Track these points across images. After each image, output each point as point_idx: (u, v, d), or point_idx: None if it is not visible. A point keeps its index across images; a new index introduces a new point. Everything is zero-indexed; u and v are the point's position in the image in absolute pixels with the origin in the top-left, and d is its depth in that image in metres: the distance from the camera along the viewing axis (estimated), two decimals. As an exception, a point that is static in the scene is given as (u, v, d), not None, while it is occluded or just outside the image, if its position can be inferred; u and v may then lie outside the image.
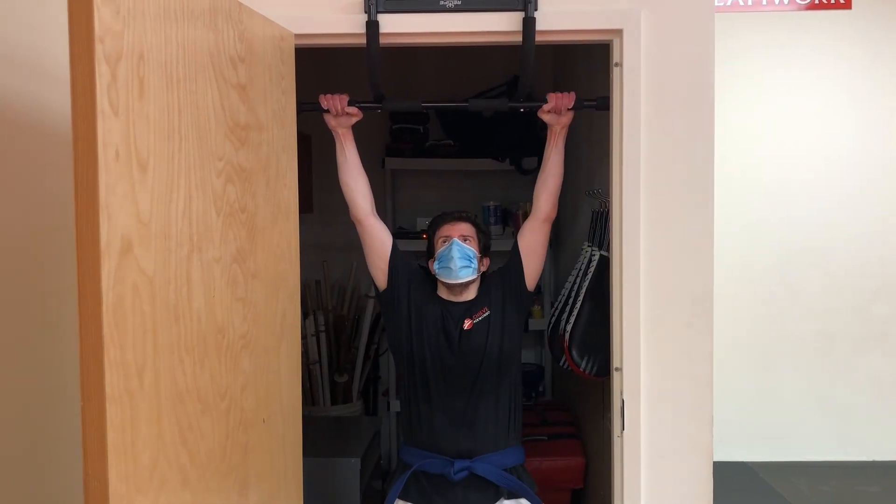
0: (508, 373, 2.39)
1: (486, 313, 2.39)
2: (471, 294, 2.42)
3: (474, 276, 2.38)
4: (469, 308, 2.40)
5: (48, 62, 2.00)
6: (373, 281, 2.49)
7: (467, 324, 2.37)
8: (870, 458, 4.53)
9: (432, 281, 2.46)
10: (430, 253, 2.44)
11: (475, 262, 2.36)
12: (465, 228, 2.40)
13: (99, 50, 1.27)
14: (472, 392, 2.35)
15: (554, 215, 2.43)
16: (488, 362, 2.35)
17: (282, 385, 2.05)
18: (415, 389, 2.40)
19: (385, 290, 2.45)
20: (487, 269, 2.47)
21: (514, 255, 2.45)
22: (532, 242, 2.43)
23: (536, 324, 4.26)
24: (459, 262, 2.32)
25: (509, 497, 2.34)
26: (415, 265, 2.53)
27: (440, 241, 2.40)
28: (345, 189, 2.42)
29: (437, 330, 2.37)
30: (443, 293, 2.43)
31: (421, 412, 2.38)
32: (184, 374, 1.53)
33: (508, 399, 2.39)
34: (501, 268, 2.50)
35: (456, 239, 2.35)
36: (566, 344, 2.66)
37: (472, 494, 2.32)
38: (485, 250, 2.45)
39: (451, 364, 2.35)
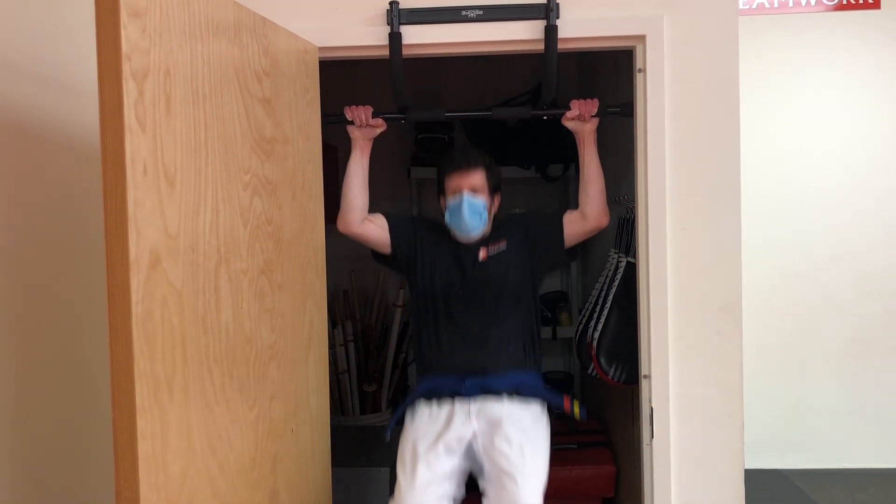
0: (522, 304, 2.41)
1: (503, 247, 2.42)
2: (485, 232, 2.45)
3: (485, 229, 2.42)
4: (484, 241, 2.43)
5: (78, 79, 2.04)
6: (375, 253, 2.53)
7: (482, 254, 2.41)
8: (908, 466, 4.44)
9: (447, 232, 2.47)
10: (440, 189, 2.46)
11: (485, 213, 2.39)
12: (475, 178, 2.37)
13: (126, 67, 1.29)
14: (483, 315, 2.37)
15: (606, 222, 2.41)
16: (502, 291, 2.38)
17: (310, 395, 2.06)
18: (426, 318, 2.42)
19: (389, 257, 2.49)
20: (498, 209, 2.49)
21: (556, 222, 2.44)
22: (572, 232, 2.44)
23: (564, 331, 4.24)
24: (470, 220, 2.35)
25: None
26: (417, 220, 2.59)
27: (450, 192, 2.40)
28: (347, 198, 2.39)
29: (449, 261, 2.42)
30: (458, 237, 2.45)
31: (430, 335, 2.40)
32: (213, 384, 1.55)
33: (523, 329, 2.41)
34: (533, 217, 2.52)
35: (466, 194, 2.35)
36: (594, 351, 2.64)
37: (483, 396, 2.31)
38: (494, 190, 2.45)
39: (462, 291, 2.38)
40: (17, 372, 1.80)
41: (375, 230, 2.45)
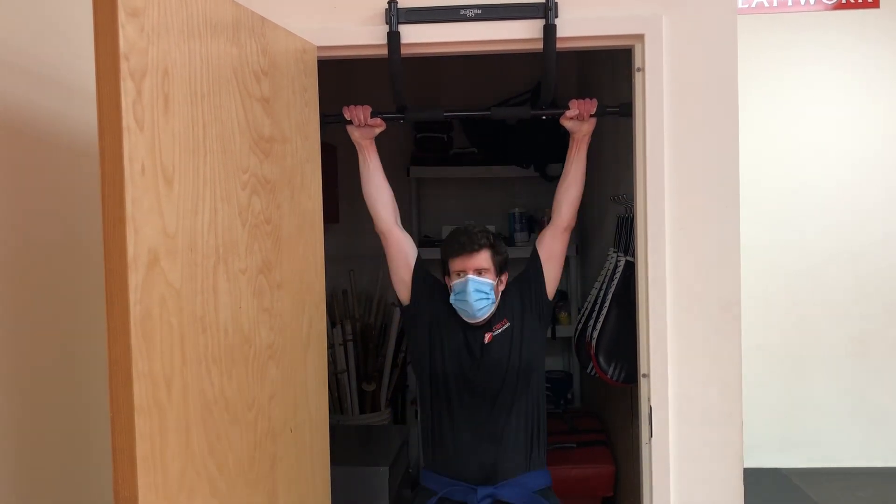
0: (531, 385, 2.38)
1: (506, 325, 2.38)
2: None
3: (493, 308, 2.36)
4: (489, 322, 2.38)
5: (76, 78, 2.04)
6: (396, 294, 2.49)
7: (487, 337, 2.36)
8: (908, 464, 4.45)
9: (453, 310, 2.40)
10: (445, 270, 2.39)
11: (492, 293, 2.33)
12: (480, 260, 2.31)
13: (124, 67, 1.29)
14: (494, 406, 2.33)
15: (573, 224, 2.43)
16: (510, 374, 2.34)
17: (309, 394, 2.06)
18: (437, 406, 2.38)
19: (409, 305, 2.45)
20: (506, 284, 2.43)
21: (534, 264, 2.44)
22: (552, 250, 2.43)
23: (564, 330, 4.24)
24: (476, 302, 2.29)
25: None
26: (437, 279, 2.49)
27: (455, 273, 2.34)
28: (368, 201, 2.43)
29: (459, 344, 2.36)
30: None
31: (443, 428, 2.36)
32: (211, 384, 1.55)
33: (532, 414, 2.37)
34: (519, 277, 2.48)
35: (471, 277, 2.30)
36: (593, 350, 2.64)
37: None
38: (501, 269, 2.39)
39: (472, 378, 2.34)
40: (14, 372, 1.80)
41: (405, 246, 2.44)
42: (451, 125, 4.36)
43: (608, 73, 3.16)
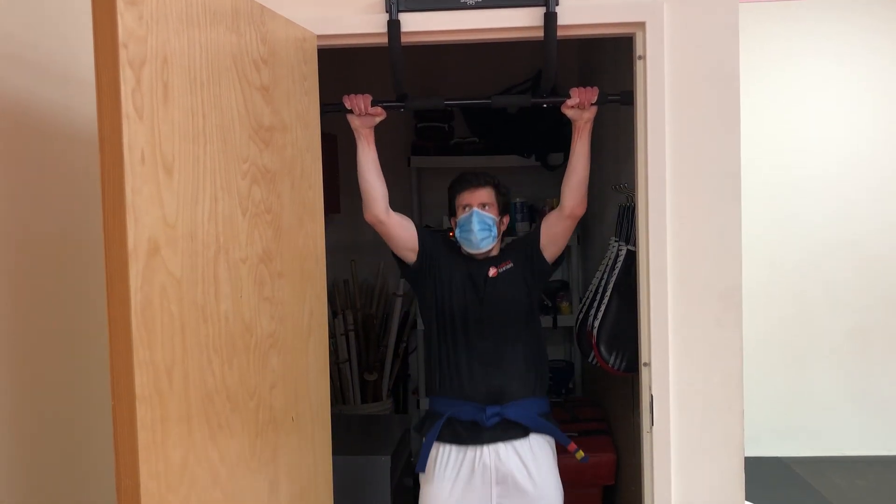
0: (531, 323, 2.50)
1: (510, 265, 2.49)
2: (493, 251, 2.53)
3: (494, 244, 2.49)
4: (494, 261, 2.51)
5: (75, 67, 2.04)
6: (399, 261, 2.57)
7: (492, 271, 2.47)
8: (908, 452, 4.45)
9: (456, 244, 2.56)
10: (451, 211, 2.55)
11: (494, 228, 2.47)
12: (485, 195, 2.47)
13: (123, 55, 1.29)
14: (498, 336, 2.44)
15: (581, 212, 2.43)
16: (512, 311, 2.46)
17: (310, 383, 2.06)
18: (443, 340, 2.48)
19: (414, 264, 2.53)
20: (507, 227, 2.58)
21: (535, 237, 2.52)
22: (554, 233, 2.49)
23: (565, 320, 4.25)
24: (479, 233, 2.43)
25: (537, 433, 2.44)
26: (436, 234, 2.66)
27: (460, 208, 2.48)
28: (365, 189, 2.43)
29: (464, 279, 2.48)
30: (465, 251, 2.53)
31: (450, 357, 2.46)
32: (213, 373, 1.55)
33: (533, 346, 2.49)
34: (523, 239, 2.61)
35: (476, 209, 2.44)
36: (594, 340, 2.64)
37: (502, 433, 2.40)
38: (504, 210, 2.54)
39: (477, 310, 2.45)
40: (15, 361, 1.80)
41: (401, 228, 2.49)
42: (452, 114, 4.35)
43: (610, 61, 3.15)
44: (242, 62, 1.71)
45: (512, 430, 2.40)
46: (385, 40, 2.15)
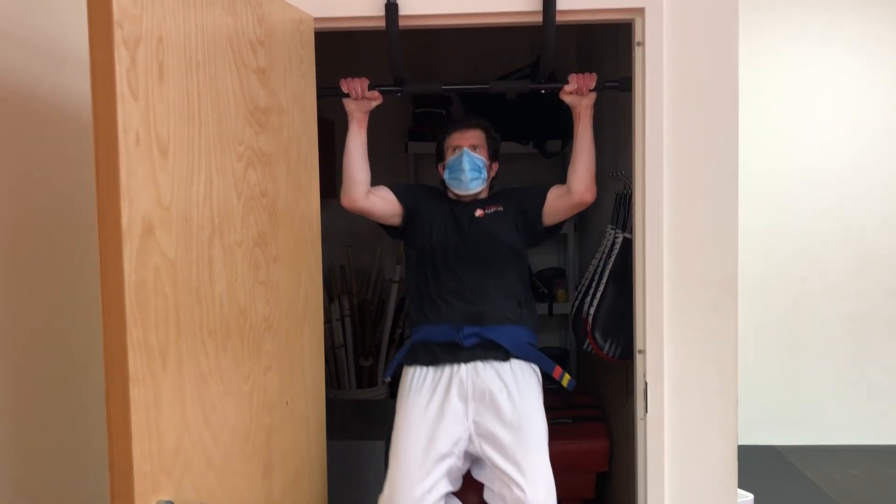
0: (516, 264, 2.46)
1: (500, 208, 2.47)
2: (482, 194, 2.51)
3: (483, 187, 2.47)
4: (481, 203, 2.49)
5: (70, 47, 2.02)
6: (386, 228, 2.57)
7: (479, 212, 2.46)
8: (902, 442, 4.48)
9: (441, 190, 2.55)
10: (439, 156, 2.52)
11: (484, 171, 2.45)
12: (475, 136, 2.46)
13: (118, 35, 1.28)
14: (481, 268, 2.41)
15: (590, 198, 2.41)
16: (497, 248, 2.42)
17: (305, 367, 2.06)
18: (423, 276, 2.46)
19: (400, 225, 2.53)
20: (496, 173, 2.56)
21: (536, 198, 2.48)
22: (556, 207, 2.47)
23: (560, 307, 4.25)
24: (470, 173, 2.41)
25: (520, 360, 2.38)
26: (415, 185, 2.67)
27: (450, 149, 2.46)
28: (349, 173, 2.40)
29: (447, 220, 2.46)
30: (453, 195, 2.52)
31: (430, 288, 2.43)
32: (206, 356, 1.55)
33: (518, 285, 2.45)
34: (523, 190, 2.55)
35: (466, 149, 2.42)
36: (589, 327, 2.64)
37: (481, 353, 2.34)
38: (494, 155, 2.52)
39: (459, 246, 2.42)
40: (8, 346, 1.80)
41: (381, 202, 2.46)
42: (451, 100, 4.33)
43: (609, 47, 3.14)
44: (239, 43, 1.70)
45: (492, 351, 2.34)
46: (383, 24, 2.14)
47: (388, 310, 4.22)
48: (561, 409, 3.42)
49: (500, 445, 2.23)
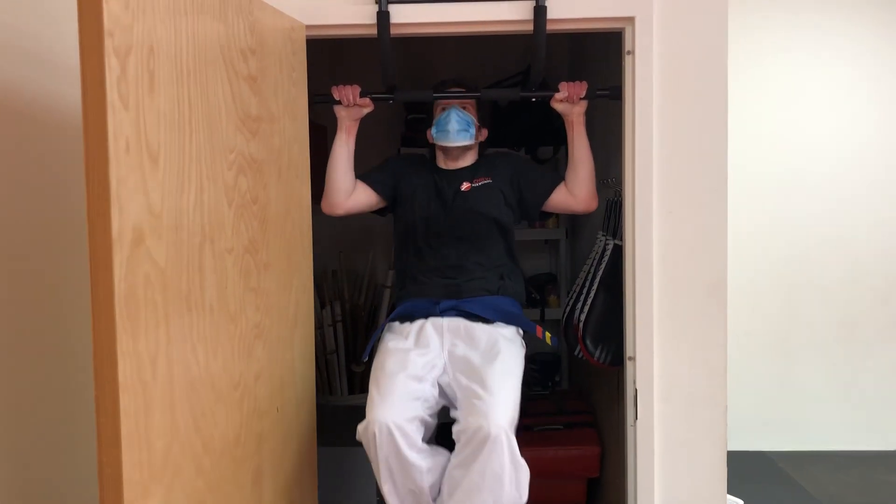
0: (501, 238, 2.45)
1: (488, 181, 2.45)
2: (468, 160, 2.49)
3: (471, 142, 2.45)
4: (468, 174, 2.47)
5: (60, 55, 2.02)
6: (375, 212, 2.57)
7: (465, 185, 2.44)
8: (894, 448, 4.49)
9: (428, 159, 2.55)
10: (431, 120, 2.51)
11: (472, 128, 2.43)
12: (464, 101, 2.46)
13: (108, 44, 1.28)
14: (462, 244, 2.40)
15: (594, 205, 2.44)
16: (482, 221, 2.40)
17: (296, 374, 2.07)
18: (407, 250, 2.47)
19: (387, 206, 2.54)
20: (485, 140, 2.56)
21: (546, 188, 2.47)
22: (557, 205, 2.49)
23: (552, 313, 4.26)
24: (457, 125, 2.40)
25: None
26: (393, 158, 2.62)
27: (439, 108, 2.46)
28: (333, 180, 2.40)
29: (430, 192, 2.44)
30: (440, 162, 2.51)
31: (412, 265, 2.44)
32: (197, 363, 1.55)
33: (501, 259, 2.45)
34: (525, 172, 2.53)
35: (455, 106, 2.42)
36: (580, 333, 2.65)
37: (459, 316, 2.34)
38: (483, 122, 2.52)
39: (442, 222, 2.41)
40: (2, 351, 1.79)
41: (361, 201, 2.46)
42: (443, 107, 4.33)
43: (601, 55, 3.15)
44: (230, 52, 1.70)
45: (471, 319, 2.32)
46: (375, 31, 2.15)
47: (380, 315, 4.22)
48: (552, 415, 3.43)
49: (470, 367, 2.17)
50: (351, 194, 2.43)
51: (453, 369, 2.22)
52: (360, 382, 4.12)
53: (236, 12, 1.74)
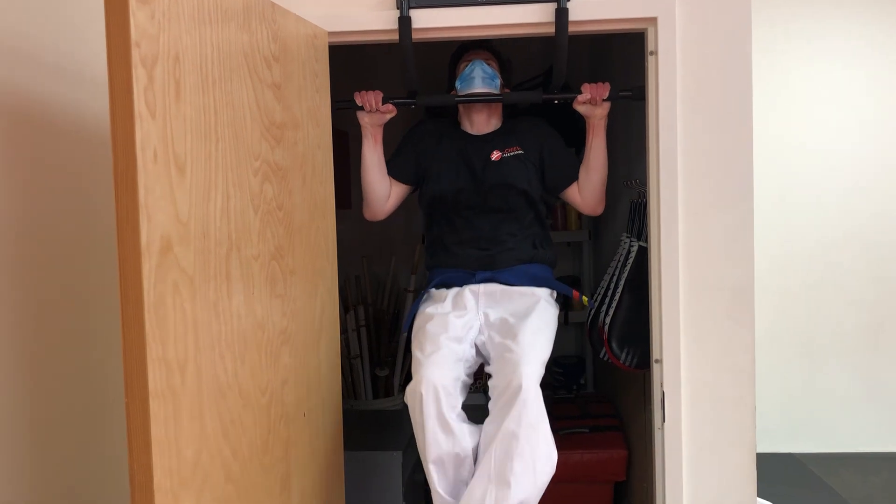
0: (533, 207, 2.44)
1: (519, 152, 2.43)
2: (495, 123, 2.48)
3: (493, 88, 2.41)
4: (497, 141, 2.44)
5: (87, 66, 2.05)
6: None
7: (496, 154, 2.41)
8: (923, 449, 4.43)
9: (450, 124, 2.52)
10: (452, 79, 2.50)
11: (497, 81, 2.41)
12: (488, 56, 2.44)
13: (135, 54, 1.29)
14: (494, 214, 2.40)
15: (601, 212, 2.46)
16: (514, 191, 2.39)
17: (322, 379, 2.07)
18: (439, 221, 2.47)
19: (419, 178, 2.52)
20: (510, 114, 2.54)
21: (568, 174, 2.47)
22: (567, 197, 2.50)
23: (576, 316, 4.24)
24: (482, 72, 2.37)
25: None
26: (409, 134, 2.58)
27: (463, 63, 2.44)
28: (369, 188, 2.43)
29: (458, 166, 2.42)
30: (466, 126, 2.50)
31: (443, 235, 2.45)
32: (225, 370, 1.56)
33: (534, 228, 2.45)
34: (555, 145, 2.50)
35: (478, 59, 2.40)
36: (605, 336, 2.64)
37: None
38: (507, 82, 2.50)
39: (473, 194, 2.40)
40: (29, 362, 1.81)
41: (397, 196, 2.50)
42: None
43: (622, 56, 3.14)
44: (254, 59, 1.71)
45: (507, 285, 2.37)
46: (396, 37, 2.16)
47: (403, 319, 4.23)
48: (578, 419, 3.41)
49: (505, 325, 2.24)
50: (388, 198, 2.45)
51: (488, 329, 2.27)
52: (384, 387, 4.13)
53: (260, 20, 1.75)
